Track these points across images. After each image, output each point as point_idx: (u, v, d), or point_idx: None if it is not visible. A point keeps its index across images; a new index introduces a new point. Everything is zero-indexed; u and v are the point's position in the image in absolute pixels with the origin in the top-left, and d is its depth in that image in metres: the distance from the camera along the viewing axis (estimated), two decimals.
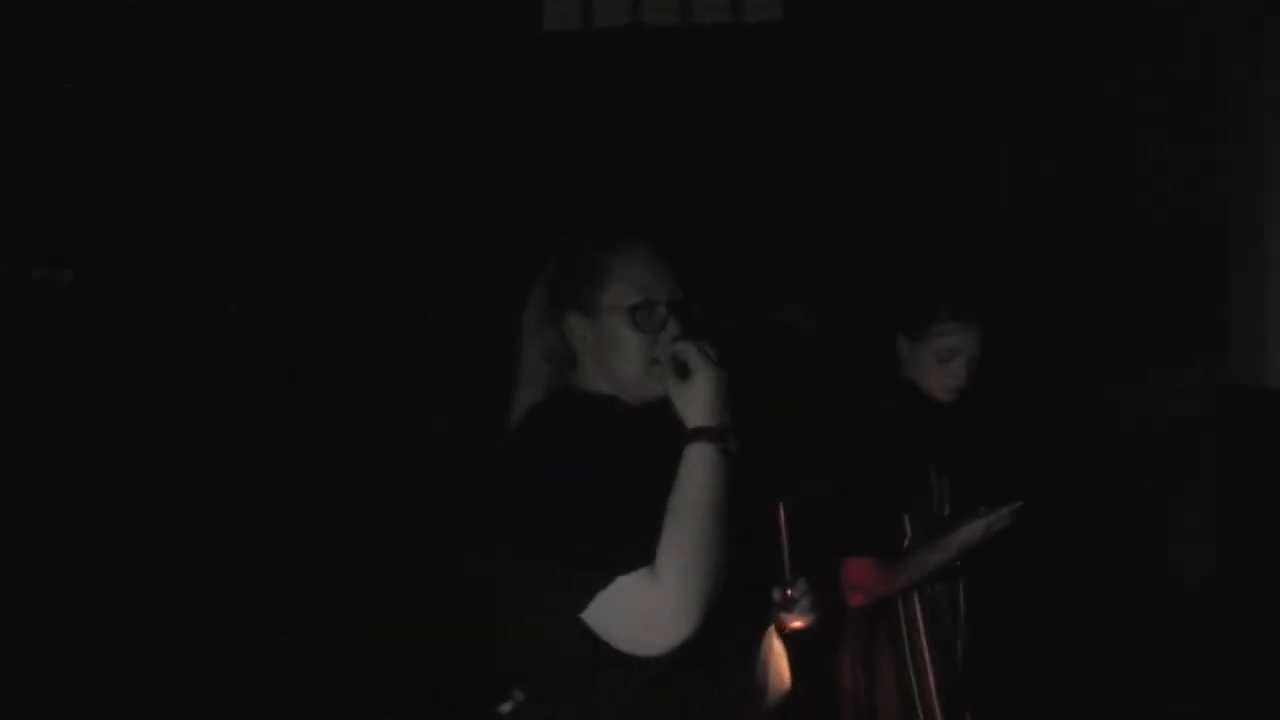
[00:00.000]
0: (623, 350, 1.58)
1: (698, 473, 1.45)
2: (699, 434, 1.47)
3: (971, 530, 2.22)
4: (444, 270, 3.83)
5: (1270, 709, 3.04)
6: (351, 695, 3.39)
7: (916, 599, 2.32)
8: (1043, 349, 3.56)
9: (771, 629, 1.61)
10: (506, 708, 1.57)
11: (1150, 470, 3.55)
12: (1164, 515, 3.52)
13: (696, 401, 1.50)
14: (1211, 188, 3.38)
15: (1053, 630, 3.34)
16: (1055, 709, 3.24)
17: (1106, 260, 3.56)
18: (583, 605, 1.39)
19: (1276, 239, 3.09)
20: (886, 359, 2.38)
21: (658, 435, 1.53)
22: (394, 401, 3.80)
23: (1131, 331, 3.53)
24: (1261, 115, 3.13)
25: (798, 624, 1.62)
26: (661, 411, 1.55)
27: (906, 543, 2.30)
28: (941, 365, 2.29)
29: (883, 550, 2.27)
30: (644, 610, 1.37)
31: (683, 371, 1.53)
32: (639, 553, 1.39)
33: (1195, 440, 3.45)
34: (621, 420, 1.59)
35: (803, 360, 3.38)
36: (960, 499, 2.35)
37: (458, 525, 1.64)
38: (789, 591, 1.62)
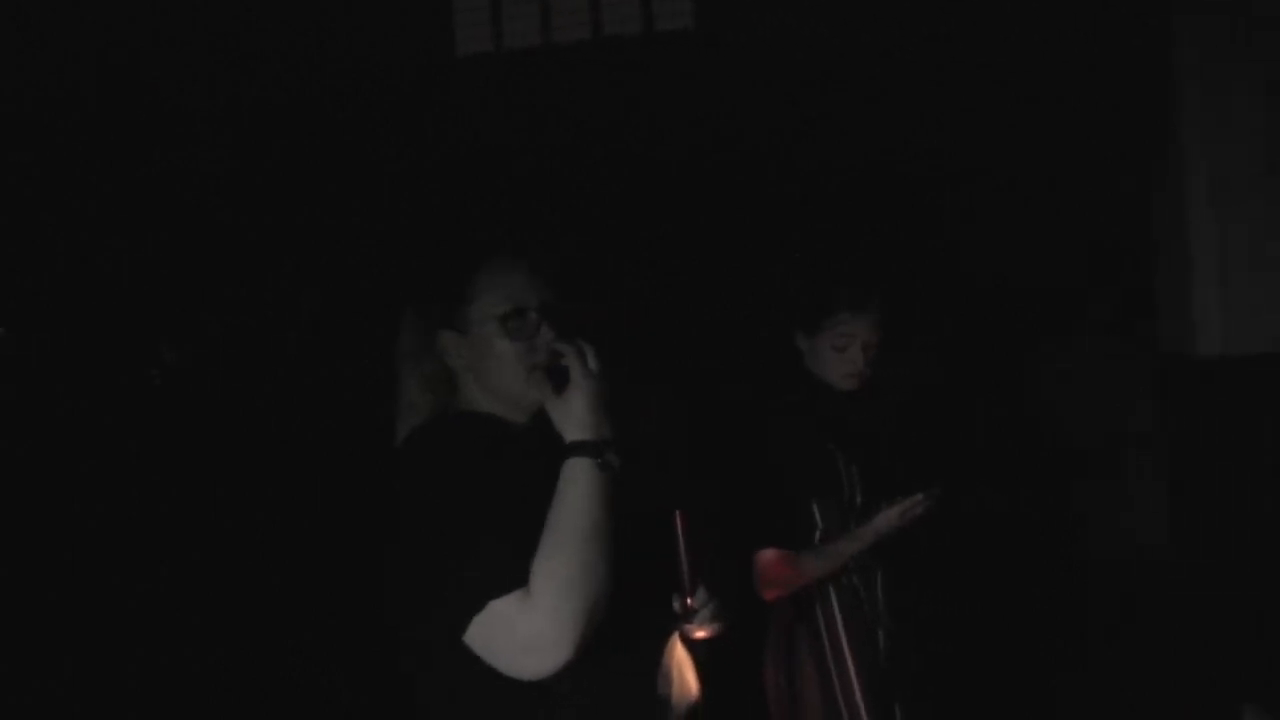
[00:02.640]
0: (499, 362, 1.54)
1: (574, 489, 1.39)
2: (575, 448, 1.42)
3: (886, 518, 2.20)
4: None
5: (1223, 676, 3.02)
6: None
7: (833, 592, 2.28)
8: (965, 333, 3.55)
9: (674, 640, 1.55)
10: None
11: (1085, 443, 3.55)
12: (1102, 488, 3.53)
13: (572, 414, 1.44)
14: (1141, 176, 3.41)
15: (982, 616, 3.32)
16: (988, 695, 3.22)
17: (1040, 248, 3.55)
18: (461, 629, 1.34)
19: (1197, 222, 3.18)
20: (787, 354, 2.36)
21: (544, 451, 1.48)
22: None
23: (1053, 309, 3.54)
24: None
25: (701, 634, 1.55)
26: (548, 426, 1.49)
27: (818, 533, 2.26)
28: (838, 354, 2.27)
29: (793, 541, 2.23)
30: (521, 634, 1.32)
31: (559, 382, 1.47)
32: (514, 574, 1.33)
33: (1128, 411, 3.45)
34: (504, 438, 1.53)
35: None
36: (874, 487, 2.32)
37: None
38: (689, 601, 1.54)
